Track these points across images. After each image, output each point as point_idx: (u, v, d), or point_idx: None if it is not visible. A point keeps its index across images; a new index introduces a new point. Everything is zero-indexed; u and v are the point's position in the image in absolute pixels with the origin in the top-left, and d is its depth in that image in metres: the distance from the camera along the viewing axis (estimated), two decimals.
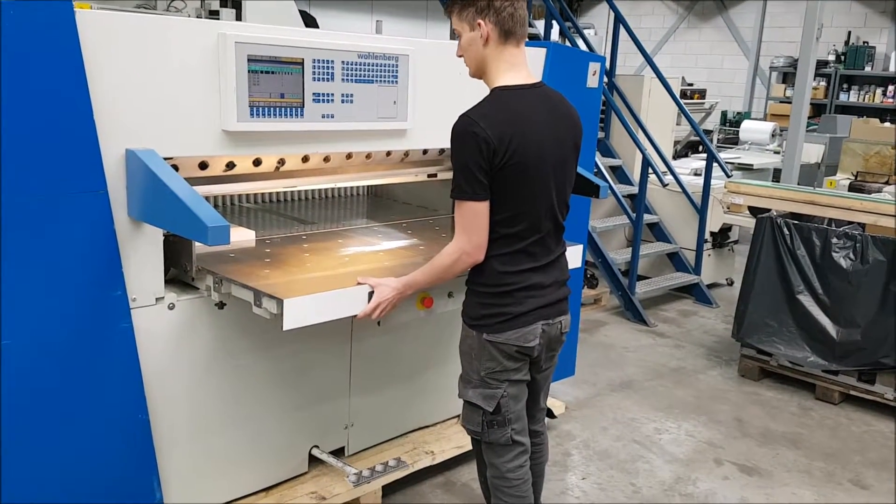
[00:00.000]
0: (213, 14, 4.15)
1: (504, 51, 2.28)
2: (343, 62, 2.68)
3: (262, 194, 3.59)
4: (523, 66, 2.33)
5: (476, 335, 2.36)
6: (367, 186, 3.97)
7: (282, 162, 2.76)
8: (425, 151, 3.16)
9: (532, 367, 2.46)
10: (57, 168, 2.11)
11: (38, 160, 2.07)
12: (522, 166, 2.21)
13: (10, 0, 1.95)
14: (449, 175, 3.26)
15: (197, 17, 4.08)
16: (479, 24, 2.24)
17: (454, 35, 2.41)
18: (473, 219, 2.23)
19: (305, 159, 2.81)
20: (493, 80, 2.32)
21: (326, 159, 2.88)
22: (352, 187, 3.92)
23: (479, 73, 2.36)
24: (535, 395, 2.59)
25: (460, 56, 2.37)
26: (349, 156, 2.93)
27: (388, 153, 3.04)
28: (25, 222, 2.08)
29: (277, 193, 3.64)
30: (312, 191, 3.69)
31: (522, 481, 2.47)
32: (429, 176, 3.35)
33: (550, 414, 2.79)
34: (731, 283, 7.00)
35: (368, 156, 2.98)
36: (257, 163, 2.69)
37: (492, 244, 2.29)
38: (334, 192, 3.87)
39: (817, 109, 11.97)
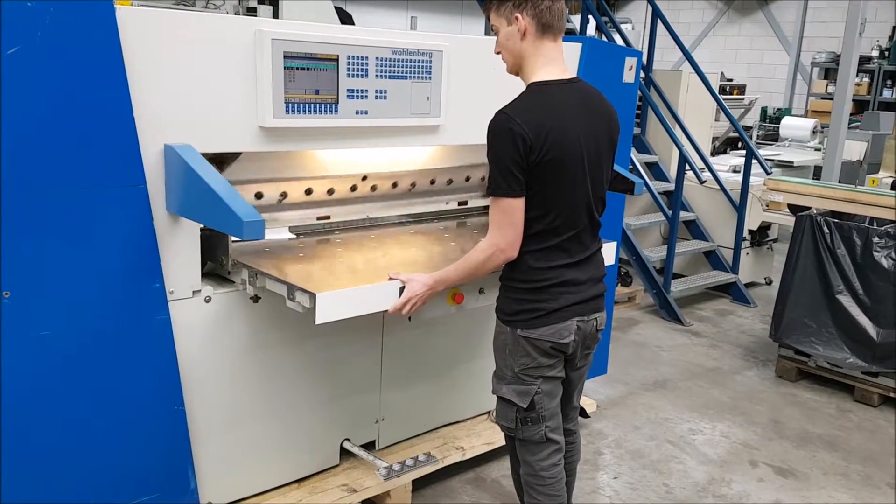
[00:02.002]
0: (251, 11, 4.20)
1: (542, 45, 2.26)
2: (377, 58, 2.69)
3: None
4: (560, 61, 2.31)
5: (510, 331, 2.35)
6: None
7: (309, 191, 2.85)
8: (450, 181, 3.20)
9: (567, 365, 2.44)
10: (97, 163, 2.16)
11: (79, 155, 2.12)
12: (558, 162, 2.19)
13: None
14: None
15: (235, 13, 4.13)
16: (517, 19, 2.23)
17: (489, 31, 2.39)
18: (509, 215, 2.22)
19: (331, 192, 2.94)
20: (529, 76, 2.30)
21: (353, 188, 3.00)
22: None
23: (516, 68, 2.34)
24: (569, 393, 2.57)
25: (498, 53, 2.35)
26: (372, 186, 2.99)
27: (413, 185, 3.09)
28: (66, 215, 2.13)
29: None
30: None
31: (556, 480, 2.45)
32: (459, 203, 3.44)
33: (584, 413, 2.78)
34: (769, 283, 6.89)
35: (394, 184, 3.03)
36: (284, 196, 2.81)
37: (526, 240, 2.27)
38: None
39: (860, 106, 11.70)
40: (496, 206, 2.23)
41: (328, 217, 3.01)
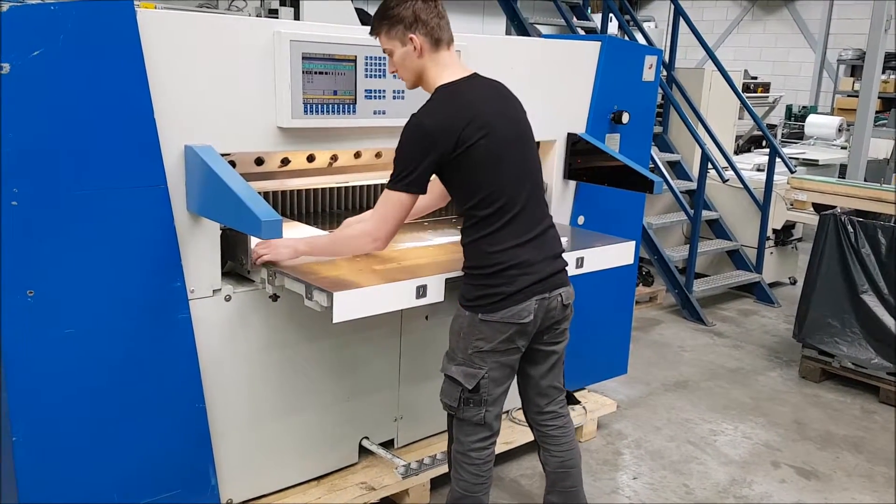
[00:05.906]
0: (273, 13, 4.24)
1: (438, 56, 2.38)
2: None
3: (316, 191, 3.64)
4: (457, 64, 2.43)
5: (469, 315, 2.41)
6: None
7: (335, 158, 2.82)
8: None
9: (534, 341, 2.50)
10: (119, 164, 2.19)
11: (100, 156, 2.15)
12: (483, 148, 2.29)
13: (73, 1, 2.03)
14: None
15: (257, 15, 4.17)
16: (412, 39, 2.34)
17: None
18: (397, 209, 2.32)
19: (358, 155, 2.86)
20: (434, 83, 2.39)
21: (378, 155, 2.93)
22: None
23: (416, 82, 2.44)
24: (543, 370, 2.59)
25: (394, 72, 2.44)
26: None
27: None
28: (88, 216, 2.16)
29: (331, 190, 3.68)
30: (365, 188, 3.72)
31: (483, 461, 2.53)
32: None
33: (572, 399, 2.76)
34: (794, 282, 6.82)
35: None
36: (311, 158, 2.75)
37: (474, 228, 2.37)
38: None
39: (887, 103, 11.51)
40: (388, 197, 2.32)
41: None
